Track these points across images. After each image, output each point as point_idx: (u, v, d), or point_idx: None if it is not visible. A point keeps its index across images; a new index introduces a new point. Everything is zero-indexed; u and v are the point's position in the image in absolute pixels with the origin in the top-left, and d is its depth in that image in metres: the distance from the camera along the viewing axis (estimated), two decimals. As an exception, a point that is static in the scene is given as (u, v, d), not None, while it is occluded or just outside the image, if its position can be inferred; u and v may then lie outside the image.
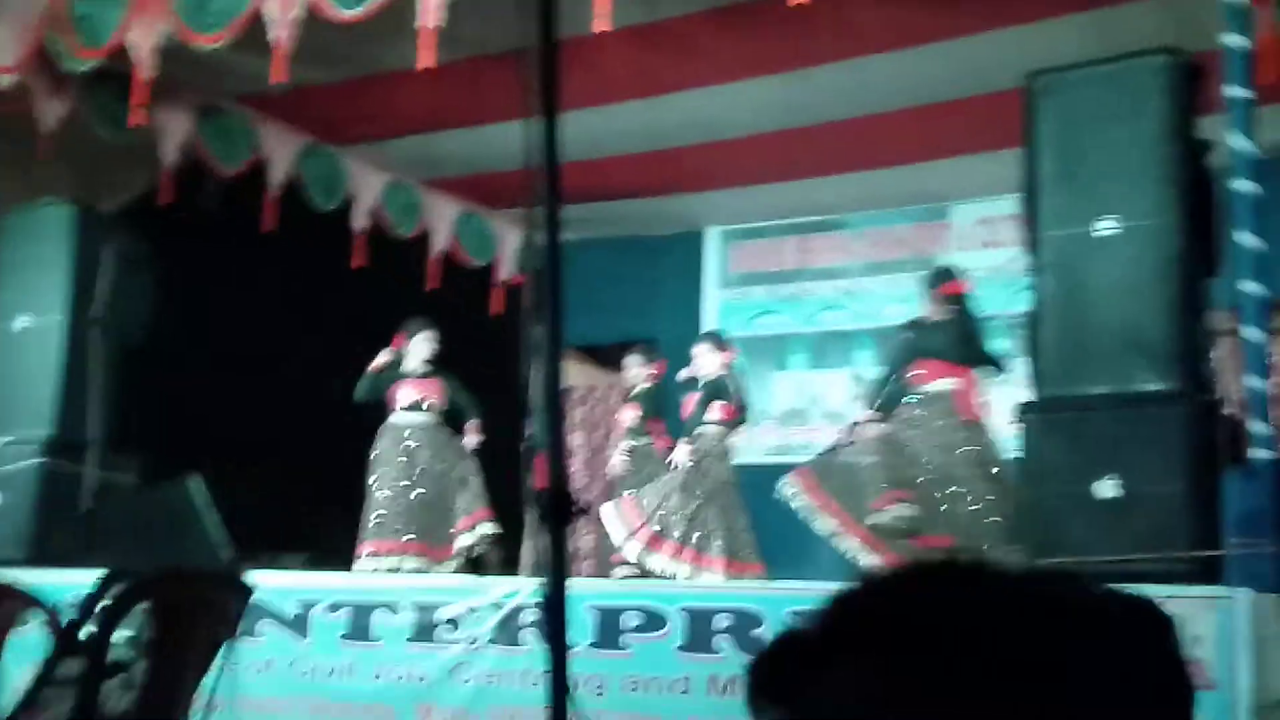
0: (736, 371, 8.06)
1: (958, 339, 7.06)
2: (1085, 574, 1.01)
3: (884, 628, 0.88)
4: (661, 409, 8.30)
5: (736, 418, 7.84)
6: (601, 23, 5.81)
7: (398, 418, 7.99)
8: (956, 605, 0.89)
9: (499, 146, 8.80)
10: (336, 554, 7.76)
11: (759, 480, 7.62)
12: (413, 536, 7.69)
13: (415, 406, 8.00)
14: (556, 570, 2.61)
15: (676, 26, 7.32)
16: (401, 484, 7.78)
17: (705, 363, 7.83)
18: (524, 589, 5.89)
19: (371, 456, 7.91)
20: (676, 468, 7.58)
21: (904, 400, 7.06)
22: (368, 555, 7.67)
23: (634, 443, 8.25)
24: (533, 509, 2.69)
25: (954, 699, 0.84)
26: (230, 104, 8.52)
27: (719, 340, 8.05)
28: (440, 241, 10.07)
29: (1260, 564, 4.48)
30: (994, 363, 7.21)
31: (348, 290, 9.04)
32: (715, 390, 7.73)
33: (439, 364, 8.15)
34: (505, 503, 8.18)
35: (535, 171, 2.74)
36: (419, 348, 8.11)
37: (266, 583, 5.21)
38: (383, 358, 8.07)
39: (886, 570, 0.94)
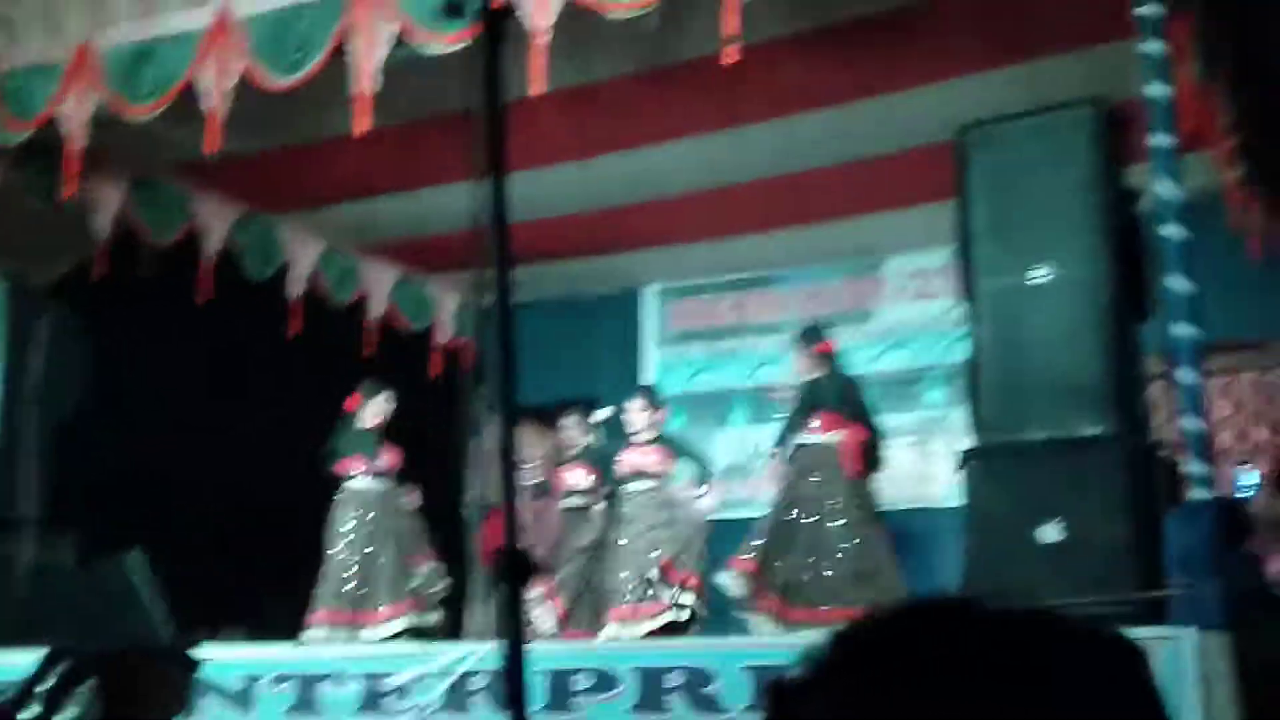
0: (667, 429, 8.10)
1: (839, 396, 7.28)
2: (1057, 611, 1.03)
3: (871, 657, 0.90)
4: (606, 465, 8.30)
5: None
6: (536, 85, 5.87)
7: (358, 484, 7.90)
8: (943, 636, 0.91)
9: (435, 210, 8.83)
10: (277, 626, 7.65)
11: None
12: (367, 605, 7.63)
13: (378, 474, 7.94)
14: (513, 633, 2.58)
15: (609, 88, 7.40)
16: (362, 551, 7.73)
17: (637, 420, 7.83)
18: (472, 655, 5.84)
19: (331, 521, 7.83)
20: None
21: (796, 448, 7.27)
22: (320, 625, 7.59)
23: (577, 502, 8.22)
24: (481, 571, 2.68)
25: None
26: (163, 174, 8.47)
27: (653, 396, 8.06)
28: (377, 307, 10.04)
29: (1203, 603, 4.53)
30: (870, 423, 7.44)
31: (284, 358, 8.98)
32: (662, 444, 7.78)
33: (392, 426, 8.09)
34: (448, 567, 8.14)
35: (484, 233, 2.74)
36: (377, 409, 8.03)
37: (209, 657, 5.12)
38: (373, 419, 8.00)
39: (882, 609, 0.96)
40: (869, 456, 7.38)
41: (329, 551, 7.76)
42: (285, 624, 7.63)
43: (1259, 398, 8.85)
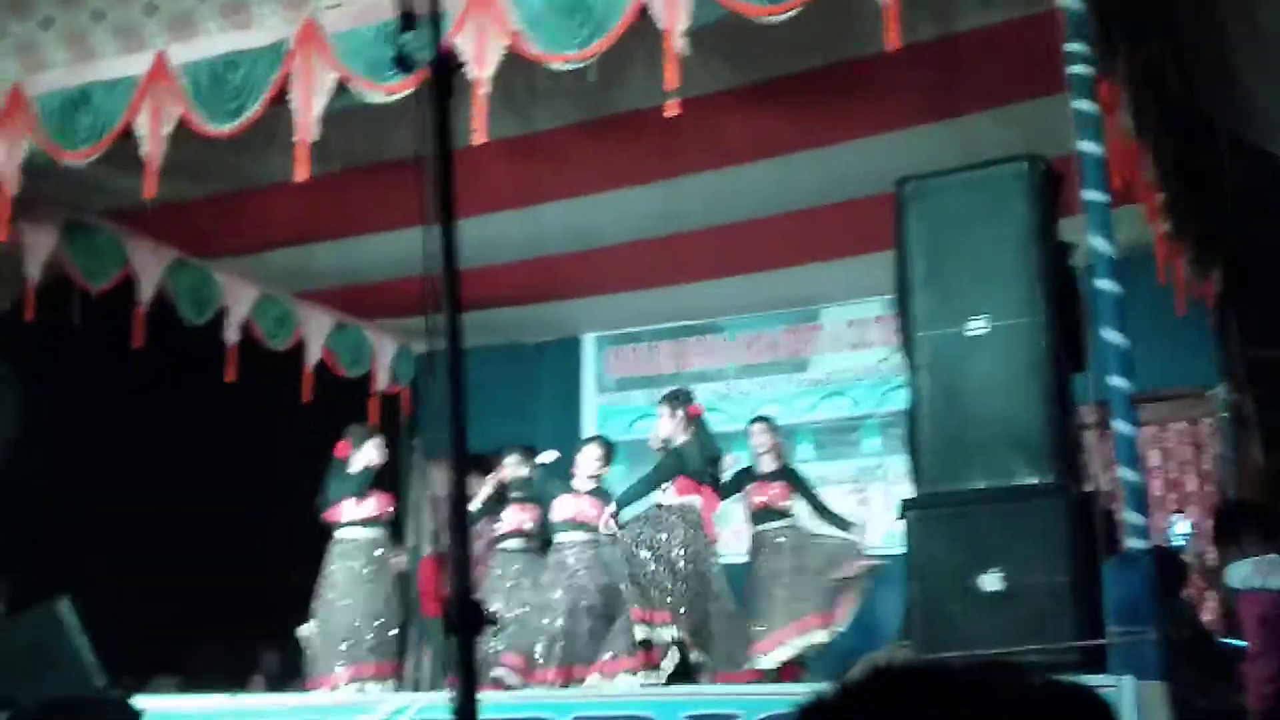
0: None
1: (701, 460, 7.32)
2: (1022, 665, 1.04)
3: None
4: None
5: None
6: (479, 135, 5.89)
7: (349, 533, 7.70)
8: (915, 704, 0.92)
9: (373, 257, 8.82)
10: (212, 675, 7.53)
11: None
12: (373, 659, 7.41)
13: (370, 521, 7.74)
14: (466, 682, 2.56)
15: (550, 138, 7.43)
16: (361, 605, 7.51)
17: (587, 468, 7.81)
18: (412, 705, 5.77)
19: (324, 574, 7.60)
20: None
21: (651, 509, 7.32)
22: (329, 686, 7.30)
23: (516, 545, 8.14)
24: (419, 621, 2.65)
25: None
26: (97, 219, 8.39)
27: (609, 449, 8.04)
28: (314, 353, 9.97)
29: (1142, 652, 4.59)
30: (718, 486, 7.52)
31: (221, 404, 8.88)
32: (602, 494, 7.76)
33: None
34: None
35: (434, 279, 2.74)
36: (370, 455, 7.84)
37: (145, 708, 5.04)
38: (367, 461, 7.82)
39: (850, 678, 0.97)
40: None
41: (321, 602, 7.54)
42: (221, 674, 7.50)
43: (1188, 447, 9.01)
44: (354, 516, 7.70)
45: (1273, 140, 7.30)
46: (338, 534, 7.69)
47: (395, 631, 7.66)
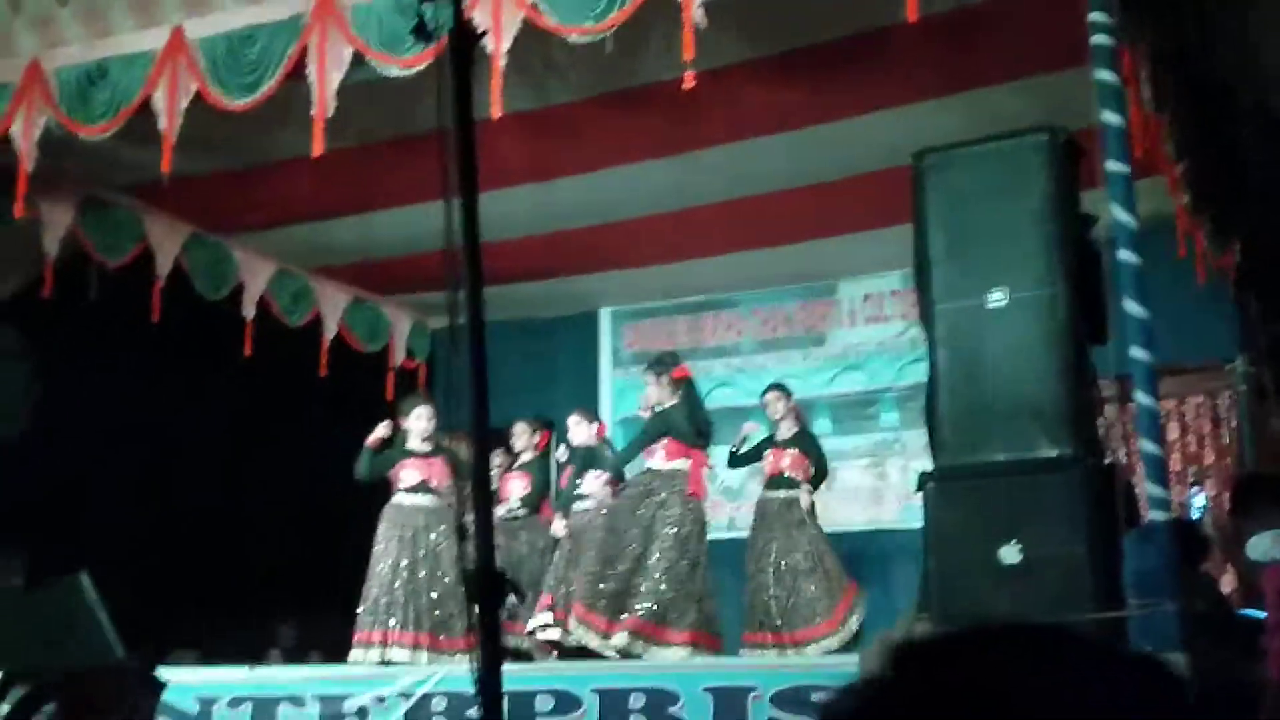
0: (608, 443, 8.10)
1: (689, 422, 7.38)
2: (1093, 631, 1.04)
3: (931, 687, 0.89)
4: (547, 479, 8.33)
5: (620, 487, 7.87)
6: (496, 108, 5.88)
7: (401, 498, 7.63)
8: (1002, 664, 0.91)
9: (389, 233, 8.82)
10: (229, 648, 7.56)
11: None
12: (415, 629, 7.28)
13: (419, 488, 7.64)
14: (490, 651, 2.58)
15: (566, 112, 7.41)
16: (405, 571, 7.37)
17: (576, 434, 7.87)
18: (432, 676, 5.80)
19: (374, 540, 7.53)
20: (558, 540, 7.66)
21: (641, 472, 7.42)
22: (361, 645, 7.24)
23: (518, 512, 8.22)
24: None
25: None
26: (114, 194, 8.40)
27: (589, 412, 8.13)
28: (331, 328, 9.99)
29: (1162, 623, 4.58)
30: (706, 438, 7.58)
31: (238, 379, 8.91)
32: (587, 460, 7.78)
33: (440, 440, 7.77)
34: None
35: (455, 253, 2.74)
36: (417, 424, 7.75)
37: (168, 679, 5.07)
38: (380, 431, 7.71)
39: (925, 637, 0.96)
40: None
41: (370, 569, 7.46)
42: (240, 646, 7.53)
43: (1206, 420, 8.98)
44: (409, 483, 7.65)
45: (1294, 112, 7.25)
46: (392, 500, 7.64)
47: (444, 605, 7.44)
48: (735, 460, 8.25)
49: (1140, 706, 0.91)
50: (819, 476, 7.98)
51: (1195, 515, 7.74)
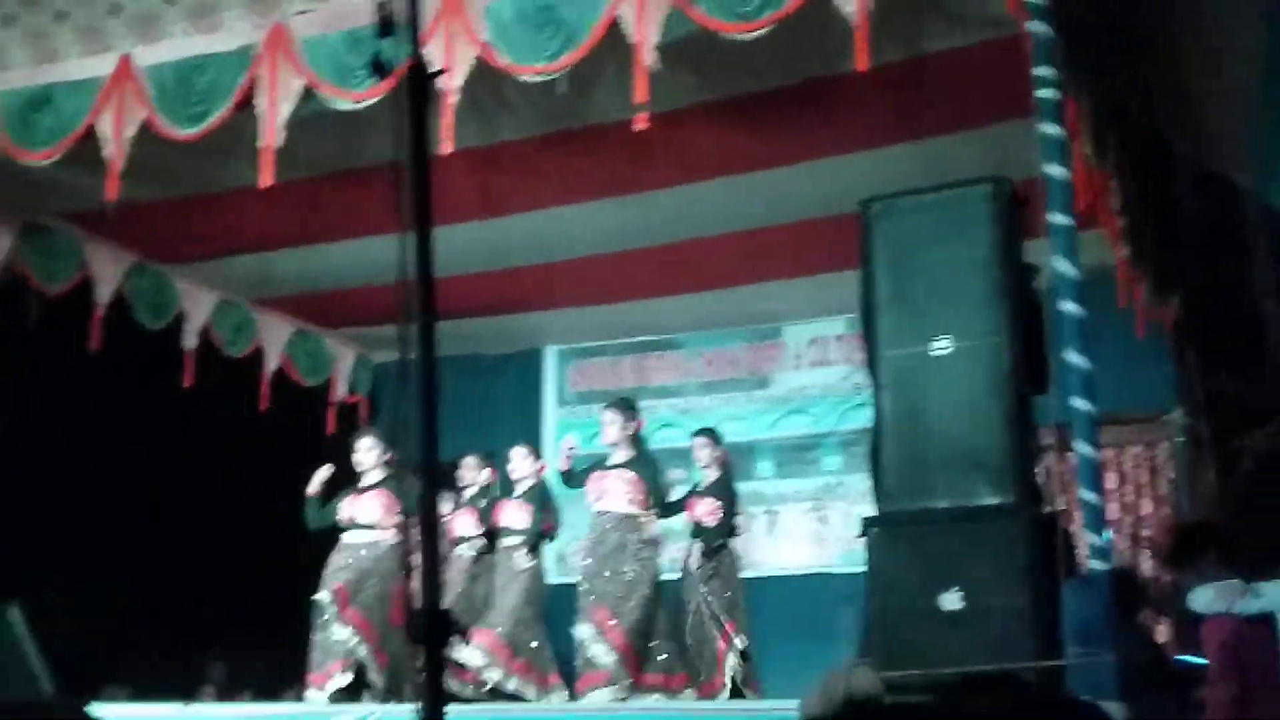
0: (547, 482, 8.03)
1: (646, 470, 7.39)
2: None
3: None
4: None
5: (552, 530, 7.86)
6: (446, 144, 5.87)
7: (348, 536, 7.51)
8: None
9: (334, 265, 8.77)
10: (161, 686, 7.42)
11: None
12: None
13: (365, 524, 7.51)
14: (433, 693, 2.54)
15: (516, 149, 7.42)
16: (356, 606, 7.27)
17: (519, 468, 7.83)
18: (371, 715, 5.72)
19: (323, 577, 7.39)
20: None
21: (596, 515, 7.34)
22: (317, 685, 7.11)
23: (465, 551, 8.10)
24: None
25: None
26: (55, 221, 8.30)
27: (534, 448, 8.08)
28: (273, 361, 9.90)
29: (1100, 673, 4.61)
30: (666, 503, 7.57)
31: (178, 410, 8.79)
32: (536, 497, 7.75)
33: (390, 469, 7.65)
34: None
35: (408, 287, 2.73)
36: (366, 457, 7.64)
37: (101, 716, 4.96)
38: (320, 476, 7.60)
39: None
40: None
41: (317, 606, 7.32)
42: (172, 684, 7.41)
43: (1144, 471, 9.08)
44: (358, 519, 7.55)
45: (1233, 169, 7.38)
46: (342, 539, 7.54)
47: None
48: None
49: None
50: (724, 525, 7.81)
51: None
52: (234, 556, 8.82)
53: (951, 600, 5.00)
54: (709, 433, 8.07)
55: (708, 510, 7.73)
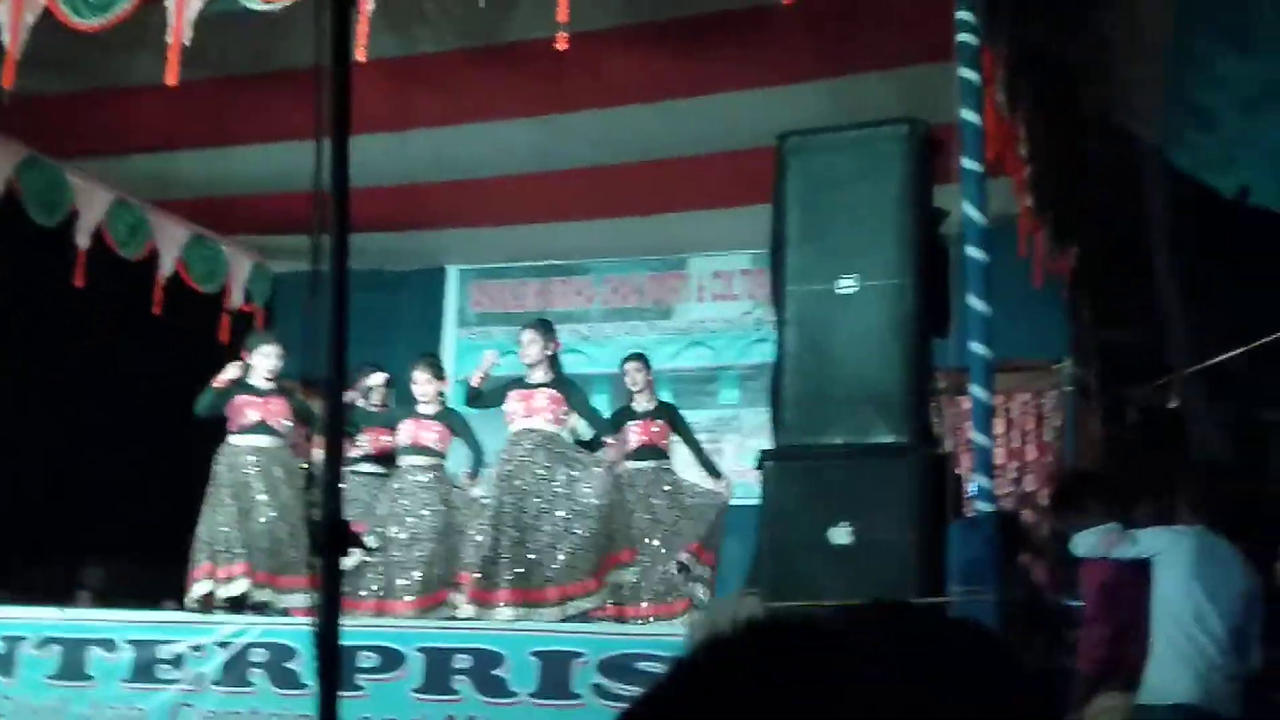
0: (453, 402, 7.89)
1: (574, 393, 7.37)
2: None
3: (723, 688, 0.89)
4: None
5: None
6: (358, 52, 5.74)
7: (238, 439, 7.30)
8: (793, 658, 0.91)
9: (236, 170, 8.58)
10: (40, 588, 7.30)
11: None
12: (251, 562, 6.91)
13: (257, 427, 7.32)
14: (329, 604, 2.54)
15: (431, 62, 7.29)
16: (240, 509, 7.04)
17: (423, 390, 7.64)
18: (253, 627, 5.69)
19: (210, 478, 7.18)
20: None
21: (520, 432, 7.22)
22: (204, 579, 6.84)
23: (368, 468, 7.95)
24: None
25: None
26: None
27: (437, 366, 7.89)
28: (168, 265, 9.67)
29: (982, 610, 4.72)
30: (589, 440, 7.58)
31: (68, 310, 8.58)
32: (455, 420, 7.64)
33: (280, 380, 7.43)
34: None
35: (322, 196, 2.68)
36: (264, 362, 7.44)
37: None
38: (230, 373, 7.37)
39: (721, 635, 0.95)
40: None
41: (204, 506, 7.10)
42: (51, 587, 7.29)
43: (1030, 418, 9.28)
44: (246, 422, 7.33)
45: (1141, 126, 7.50)
46: (228, 440, 7.32)
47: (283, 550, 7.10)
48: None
49: (964, 658, 0.95)
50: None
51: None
52: (118, 459, 8.67)
53: (841, 535, 5.09)
54: (641, 357, 8.09)
55: (660, 432, 7.81)
